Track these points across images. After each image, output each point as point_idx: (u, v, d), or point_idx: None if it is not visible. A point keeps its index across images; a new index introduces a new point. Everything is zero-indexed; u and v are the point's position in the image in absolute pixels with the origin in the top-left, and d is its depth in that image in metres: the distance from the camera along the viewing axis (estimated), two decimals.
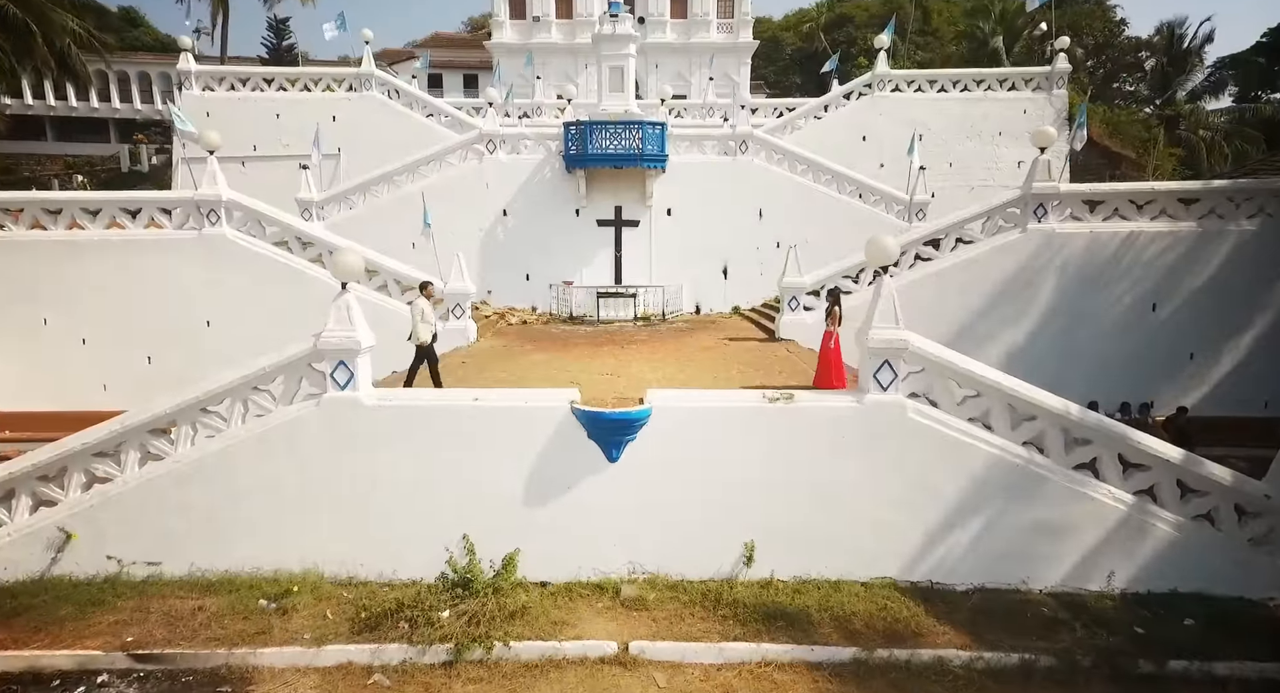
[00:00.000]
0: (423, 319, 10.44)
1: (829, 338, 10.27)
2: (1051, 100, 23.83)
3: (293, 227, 14.98)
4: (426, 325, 10.48)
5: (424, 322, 10.44)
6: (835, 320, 10.49)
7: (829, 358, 10.16)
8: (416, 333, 10.43)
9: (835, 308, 10.71)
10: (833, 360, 10.11)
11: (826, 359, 10.16)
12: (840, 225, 20.18)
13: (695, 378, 11.50)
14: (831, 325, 10.44)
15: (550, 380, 11.29)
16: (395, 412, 9.13)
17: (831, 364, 10.10)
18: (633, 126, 19.37)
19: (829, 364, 10.11)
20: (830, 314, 10.66)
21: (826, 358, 10.18)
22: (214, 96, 23.91)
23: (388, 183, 20.14)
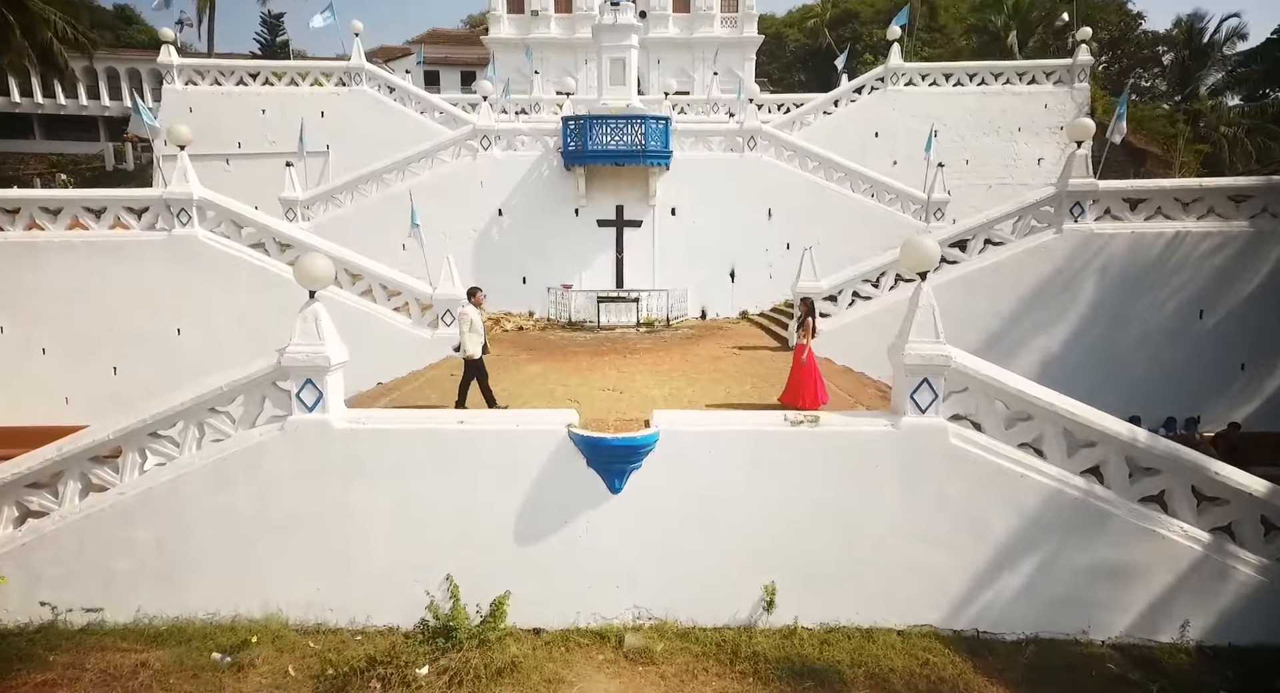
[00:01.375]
0: (471, 330, 9.39)
1: (800, 352, 9.42)
2: (1073, 94, 22.76)
3: (270, 227, 13.94)
4: (475, 336, 9.41)
5: (473, 332, 9.40)
6: (808, 332, 9.63)
7: (800, 375, 9.35)
8: (464, 346, 9.38)
9: (809, 319, 9.81)
10: (805, 378, 9.31)
11: (798, 376, 9.36)
12: (853, 225, 19.19)
13: (705, 393, 10.45)
14: (804, 337, 9.55)
15: (546, 397, 10.25)
16: (370, 436, 8.07)
17: (804, 382, 9.29)
18: (635, 121, 18.31)
19: (800, 381, 9.31)
20: (803, 326, 9.76)
21: (798, 375, 9.37)
22: (197, 91, 22.88)
23: (377, 181, 19.08)
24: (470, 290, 10.00)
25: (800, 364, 9.29)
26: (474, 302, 9.78)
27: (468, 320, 9.41)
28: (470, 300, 9.80)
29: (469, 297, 9.90)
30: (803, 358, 9.27)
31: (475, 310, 9.61)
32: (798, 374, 9.32)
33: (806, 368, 9.23)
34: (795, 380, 9.33)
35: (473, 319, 9.44)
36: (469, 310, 9.55)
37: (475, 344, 9.40)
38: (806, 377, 9.22)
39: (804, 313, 9.92)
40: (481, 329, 9.57)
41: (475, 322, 9.45)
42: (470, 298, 9.85)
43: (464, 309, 9.63)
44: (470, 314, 9.48)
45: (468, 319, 9.42)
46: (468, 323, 9.39)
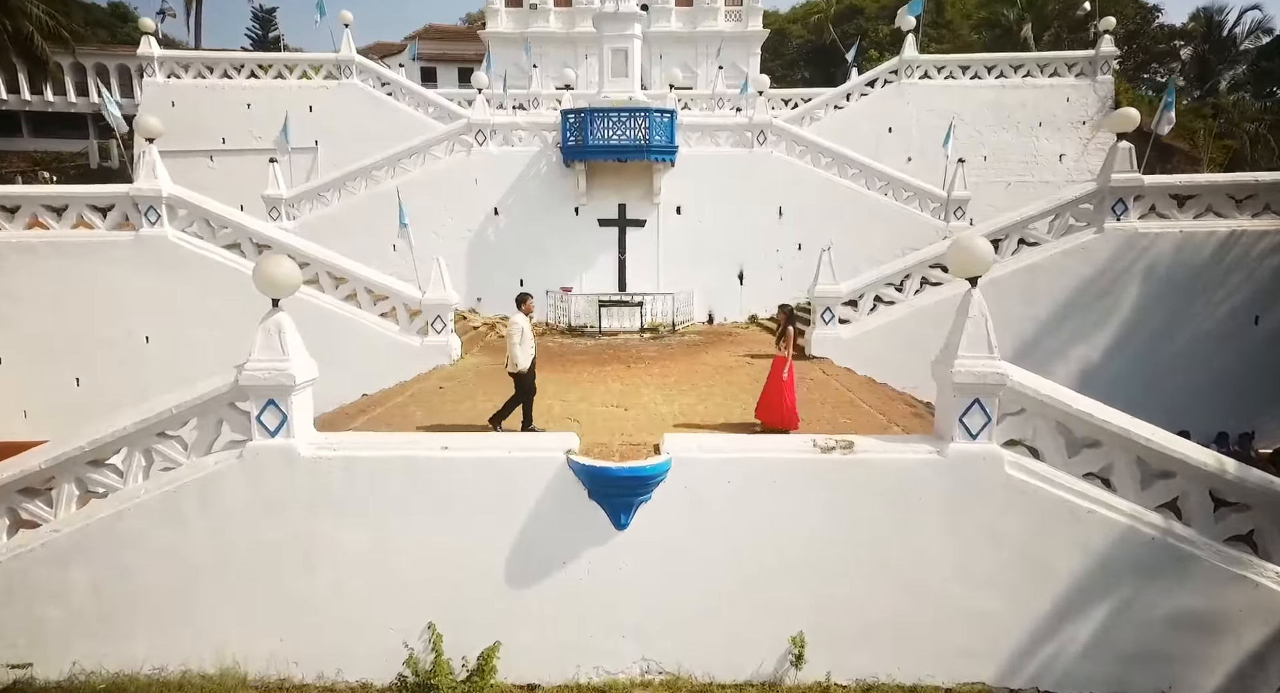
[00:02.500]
0: (521, 341, 8.54)
1: (780, 366, 8.49)
2: (1096, 87, 21.75)
3: (246, 227, 12.93)
4: (526, 349, 8.58)
5: (523, 344, 8.56)
6: (789, 344, 8.65)
7: (778, 390, 8.45)
8: (513, 358, 8.55)
9: (789, 329, 8.76)
10: (785, 394, 8.41)
11: (777, 390, 8.46)
12: (868, 225, 18.23)
13: (720, 411, 9.44)
14: (785, 349, 8.62)
15: (543, 415, 9.24)
16: (341, 464, 7.05)
17: (784, 399, 8.40)
18: (638, 114, 17.31)
19: (778, 396, 8.43)
20: (783, 337, 8.73)
21: (777, 389, 8.47)
22: (179, 85, 21.86)
23: (365, 178, 18.09)
24: (519, 298, 9.07)
25: (780, 379, 8.38)
26: (524, 309, 8.92)
27: (518, 330, 8.53)
28: (520, 308, 8.93)
29: (518, 304, 9.00)
30: (783, 373, 8.38)
31: (525, 319, 8.76)
32: (776, 388, 8.46)
33: (787, 384, 8.37)
34: (775, 395, 8.45)
35: (523, 329, 8.59)
36: (519, 320, 8.69)
37: (526, 357, 8.56)
38: (789, 392, 8.37)
39: (782, 322, 8.86)
40: (533, 341, 8.75)
41: (526, 332, 8.62)
42: (520, 306, 8.96)
43: (513, 318, 8.73)
44: (520, 324, 8.62)
45: (518, 329, 8.54)
46: (518, 333, 8.52)
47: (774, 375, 8.56)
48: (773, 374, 8.60)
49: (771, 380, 8.57)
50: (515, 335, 8.52)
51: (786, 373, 8.39)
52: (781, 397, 8.37)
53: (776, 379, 8.49)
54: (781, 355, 8.54)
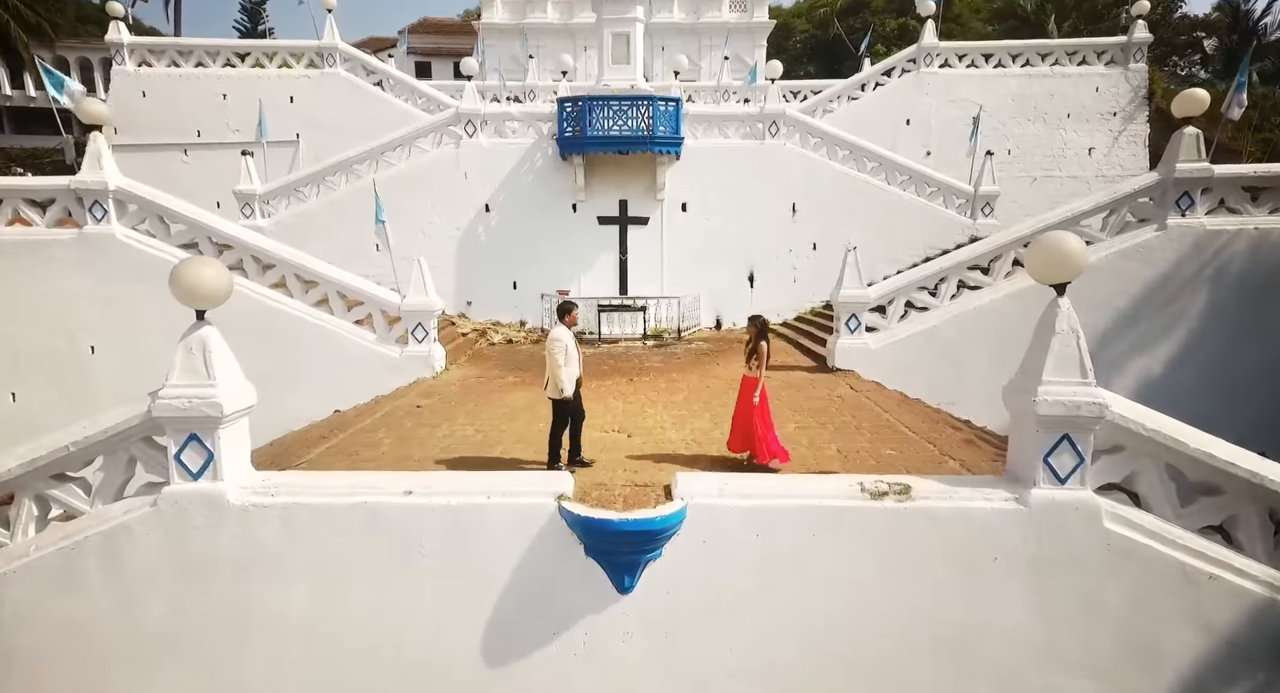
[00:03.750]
0: (566, 361, 7.00)
1: (750, 387, 7.16)
2: (1128, 76, 20.41)
3: (205, 225, 11.58)
4: (570, 370, 7.05)
5: (568, 365, 7.01)
6: (761, 361, 7.21)
7: (747, 416, 7.15)
8: (555, 380, 7.01)
9: (761, 344, 7.26)
10: (759, 421, 7.09)
11: (745, 417, 7.17)
12: (889, 222, 16.92)
13: None
14: (755, 369, 7.22)
15: (534, 442, 7.90)
16: (280, 514, 5.72)
17: (755, 427, 7.10)
18: (641, 103, 15.96)
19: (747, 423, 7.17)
20: (755, 353, 7.27)
21: (745, 415, 7.17)
22: (151, 73, 20.51)
23: (346, 172, 16.74)
24: (562, 308, 7.45)
25: (750, 404, 7.09)
26: (568, 322, 7.33)
27: (561, 347, 6.97)
28: (562, 320, 7.33)
29: (560, 316, 7.39)
30: (754, 397, 7.04)
31: (569, 333, 7.16)
32: (745, 415, 7.16)
33: (759, 410, 7.07)
34: (744, 423, 7.20)
35: (567, 346, 7.01)
36: (561, 334, 7.08)
37: (571, 379, 7.03)
38: (760, 420, 7.06)
39: (753, 337, 7.38)
40: (578, 358, 7.18)
41: (571, 349, 7.04)
42: (562, 317, 7.37)
43: (554, 333, 7.12)
44: (564, 339, 7.03)
45: (561, 346, 6.98)
46: (561, 351, 6.96)
47: (743, 399, 7.23)
48: (741, 397, 7.27)
49: (741, 405, 7.26)
50: (559, 353, 6.94)
51: (758, 397, 7.03)
52: (752, 425, 7.09)
53: (745, 403, 7.17)
54: (752, 376, 7.21)
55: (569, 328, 7.25)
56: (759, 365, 7.18)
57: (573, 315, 7.42)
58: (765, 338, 7.28)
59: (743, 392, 7.28)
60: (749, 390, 7.15)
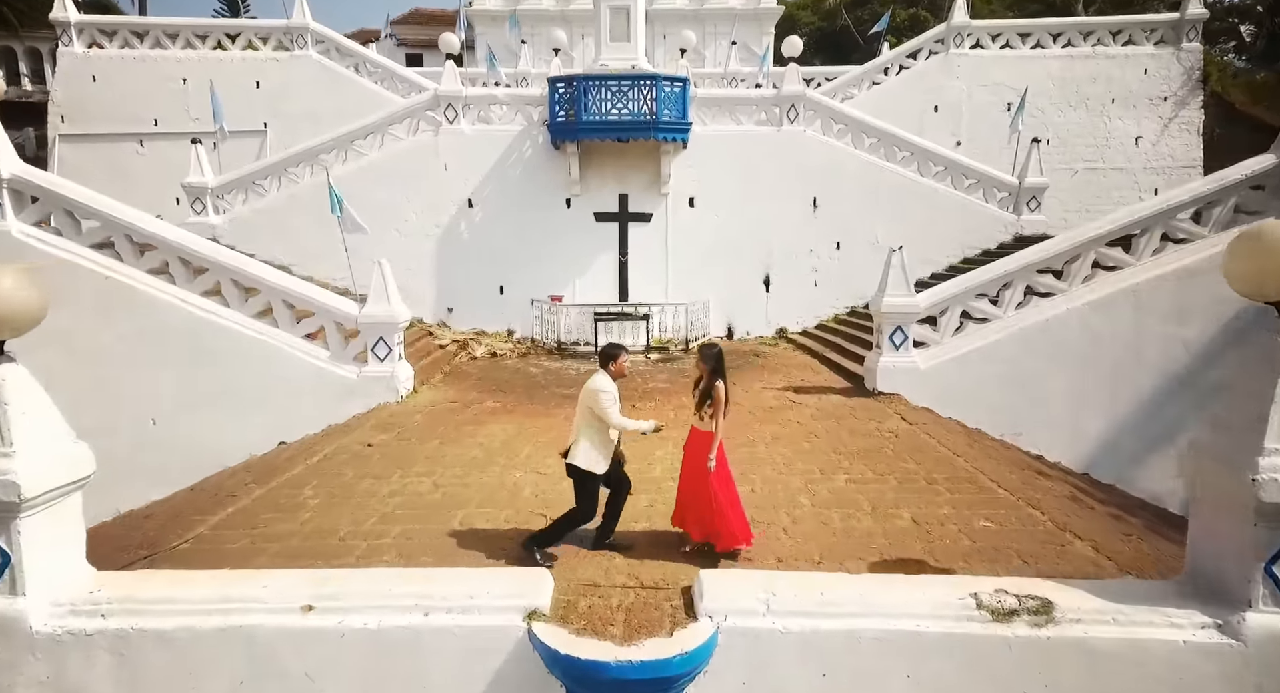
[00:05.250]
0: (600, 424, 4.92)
1: (702, 446, 5.00)
2: (1180, 57, 18.49)
3: (122, 220, 9.67)
4: (605, 443, 4.95)
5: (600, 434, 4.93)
6: (717, 409, 4.97)
7: (700, 486, 4.95)
8: (584, 451, 4.91)
9: (717, 385, 4.98)
10: (718, 492, 4.91)
11: (699, 487, 4.97)
12: (922, 219, 15.04)
13: (775, 493, 6.20)
14: (708, 420, 5.01)
15: (506, 499, 6.03)
16: (111, 644, 3.84)
17: (713, 501, 4.90)
18: (643, 82, 14.07)
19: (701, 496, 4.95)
20: (712, 398, 4.98)
21: (698, 484, 4.97)
22: (102, 56, 18.59)
23: (311, 163, 14.85)
24: (607, 353, 5.08)
25: (703, 470, 4.93)
26: (613, 370, 5.00)
27: (611, 399, 4.84)
28: (607, 368, 5.00)
29: (605, 362, 5.03)
30: (709, 459, 4.90)
31: (611, 385, 4.94)
32: (697, 485, 5.01)
33: (718, 479, 4.94)
34: (696, 497, 5.02)
35: (607, 406, 4.82)
36: (605, 384, 4.88)
37: (601, 458, 4.91)
38: (720, 490, 4.92)
39: (704, 376, 5.06)
40: (619, 424, 4.92)
41: (611, 411, 4.84)
42: (606, 365, 5.01)
43: (597, 384, 4.88)
44: (610, 391, 4.87)
45: (610, 397, 4.84)
46: (611, 402, 4.83)
47: (692, 461, 5.09)
48: (689, 460, 5.14)
49: (689, 471, 5.12)
50: (608, 406, 4.80)
51: (714, 459, 4.90)
52: (708, 499, 4.92)
53: (695, 469, 5.02)
54: (704, 431, 5.04)
55: (615, 378, 4.99)
56: (713, 415, 4.95)
57: (619, 364, 5.00)
58: (721, 376, 4.97)
59: (691, 451, 5.09)
60: (700, 450, 4.97)
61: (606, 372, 4.96)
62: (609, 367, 4.98)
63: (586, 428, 4.91)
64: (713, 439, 4.94)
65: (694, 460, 5.04)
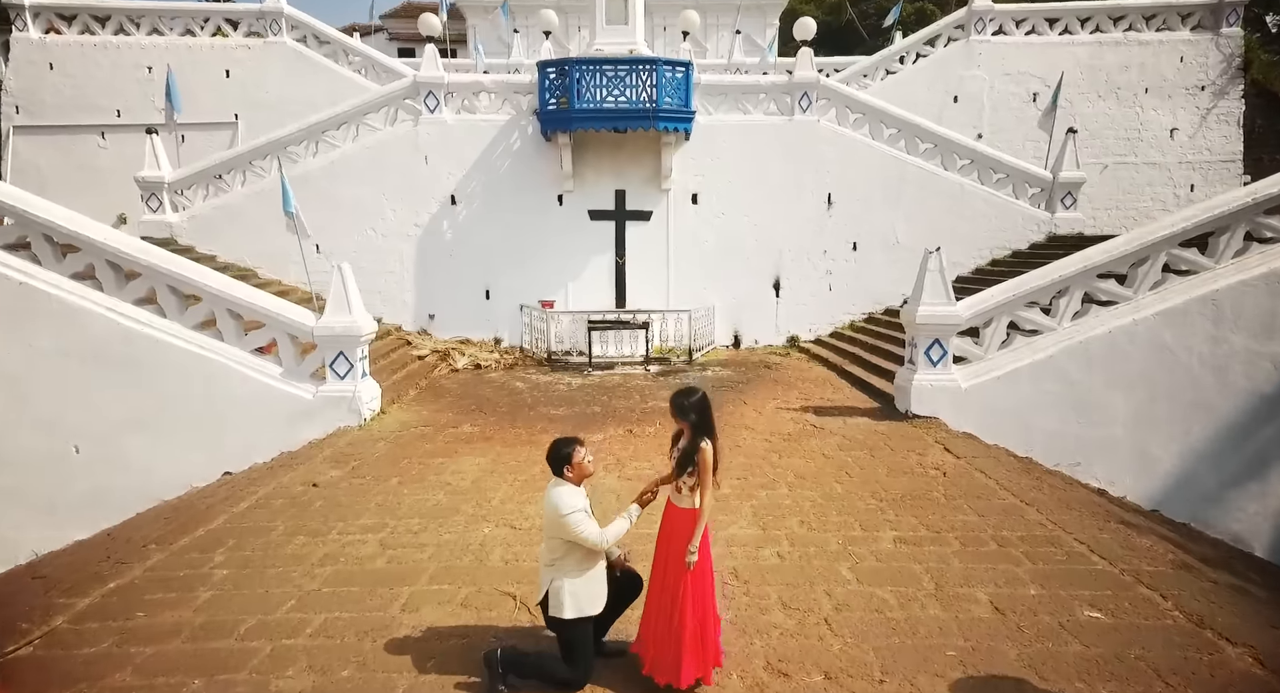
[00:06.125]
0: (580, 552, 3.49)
1: (680, 529, 3.49)
2: (1219, 43, 17.21)
3: (39, 219, 8.36)
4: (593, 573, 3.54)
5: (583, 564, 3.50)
6: (704, 481, 3.46)
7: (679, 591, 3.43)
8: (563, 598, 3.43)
9: (704, 447, 3.44)
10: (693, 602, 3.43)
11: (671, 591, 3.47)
12: (946, 217, 13.83)
13: (808, 558, 4.91)
14: (690, 494, 3.51)
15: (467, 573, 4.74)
16: None
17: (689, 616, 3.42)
18: (641, 68, 12.79)
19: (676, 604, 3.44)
20: (695, 464, 3.45)
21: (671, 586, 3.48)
22: (60, 42, 17.29)
23: (279, 156, 13.53)
24: (559, 454, 3.53)
25: (676, 565, 3.46)
26: (569, 473, 3.53)
27: (580, 519, 3.42)
28: (564, 473, 3.53)
29: (559, 466, 3.54)
30: (690, 551, 3.40)
31: (578, 494, 3.52)
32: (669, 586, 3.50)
33: (695, 578, 3.45)
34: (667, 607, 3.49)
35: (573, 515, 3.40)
36: (571, 500, 3.45)
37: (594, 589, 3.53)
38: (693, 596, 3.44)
39: (685, 434, 3.58)
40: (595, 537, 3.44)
41: (586, 526, 3.42)
42: (562, 469, 3.53)
43: (561, 497, 3.45)
44: (574, 504, 3.43)
45: (581, 516, 3.43)
46: (583, 522, 3.41)
47: (667, 549, 3.55)
48: (663, 547, 3.58)
49: (661, 564, 3.58)
50: (583, 529, 3.40)
51: (695, 548, 3.40)
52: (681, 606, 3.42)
53: (670, 563, 3.52)
54: (683, 509, 3.53)
55: (579, 481, 3.55)
56: (698, 488, 3.49)
57: (579, 463, 3.51)
58: (709, 434, 3.49)
59: (667, 537, 3.56)
60: (679, 536, 3.48)
61: (564, 478, 3.51)
62: (564, 472, 3.50)
63: (563, 562, 3.43)
64: (695, 522, 3.45)
65: (671, 551, 3.52)
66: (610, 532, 3.43)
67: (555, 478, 3.48)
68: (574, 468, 3.45)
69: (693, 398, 3.55)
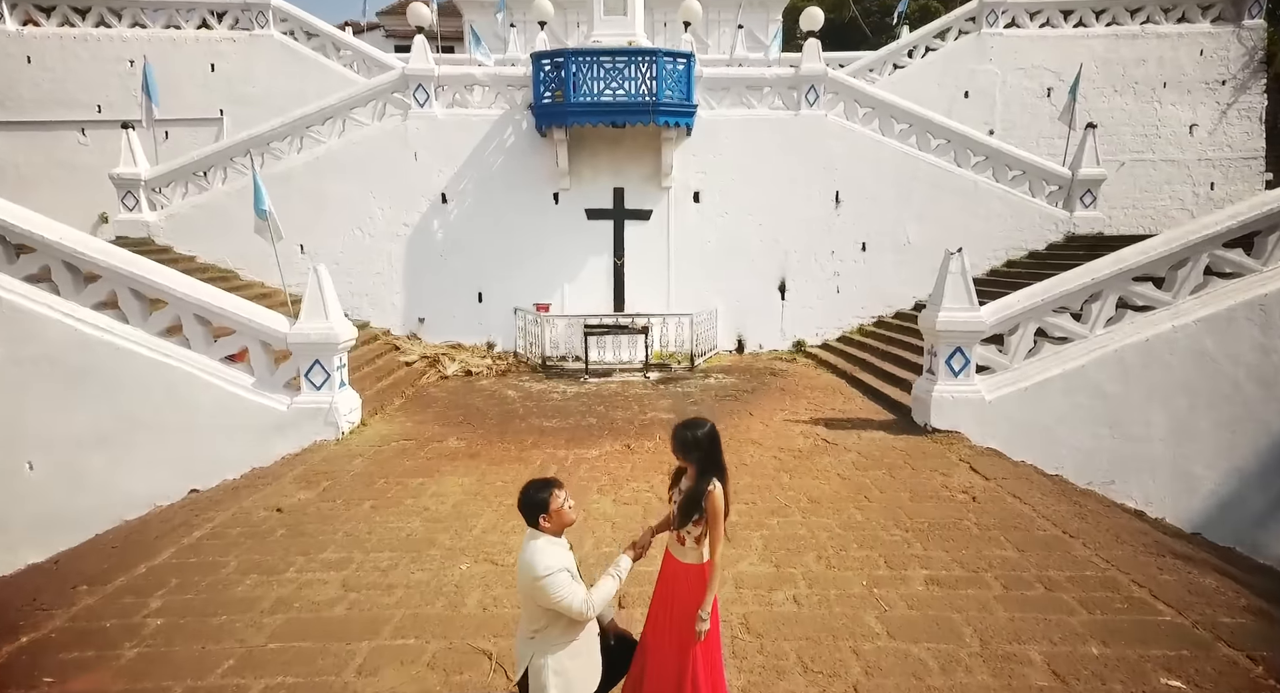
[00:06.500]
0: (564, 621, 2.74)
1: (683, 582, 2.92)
2: (1241, 35, 16.59)
3: None
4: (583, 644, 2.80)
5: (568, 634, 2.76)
6: (715, 531, 2.86)
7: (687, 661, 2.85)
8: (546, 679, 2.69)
9: (713, 491, 2.85)
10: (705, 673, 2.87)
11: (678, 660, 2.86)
12: (959, 216, 13.23)
13: (828, 604, 4.29)
14: (696, 546, 2.91)
15: (437, 623, 4.13)
16: None
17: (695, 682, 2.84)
18: (641, 59, 12.19)
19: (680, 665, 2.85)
20: (702, 512, 2.85)
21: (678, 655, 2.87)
22: (39, 35, 16.67)
23: (262, 152, 12.95)
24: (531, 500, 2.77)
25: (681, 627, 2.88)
26: (552, 524, 2.78)
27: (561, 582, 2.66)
28: (540, 524, 2.77)
29: (534, 516, 2.77)
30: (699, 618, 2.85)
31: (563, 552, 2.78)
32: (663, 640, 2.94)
33: (706, 649, 2.90)
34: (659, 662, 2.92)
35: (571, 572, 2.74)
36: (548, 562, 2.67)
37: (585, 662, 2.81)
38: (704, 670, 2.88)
39: (689, 474, 2.98)
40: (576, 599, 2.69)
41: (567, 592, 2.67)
42: (537, 519, 2.77)
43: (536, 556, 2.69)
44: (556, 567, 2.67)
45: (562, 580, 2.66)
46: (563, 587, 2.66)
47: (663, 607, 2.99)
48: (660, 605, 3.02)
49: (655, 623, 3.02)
50: (565, 596, 2.66)
51: (706, 617, 2.86)
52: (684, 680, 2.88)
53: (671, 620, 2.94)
54: (687, 564, 2.95)
55: (556, 532, 2.82)
56: (705, 539, 2.91)
57: (557, 509, 2.79)
58: (719, 474, 2.91)
59: (665, 593, 3.01)
60: (680, 594, 2.93)
61: (540, 529, 2.78)
62: (540, 522, 2.77)
63: (546, 634, 2.74)
64: (705, 582, 2.87)
65: (674, 615, 2.93)
66: (597, 596, 2.81)
67: (530, 529, 2.84)
68: (552, 517, 2.81)
69: (699, 431, 2.93)
